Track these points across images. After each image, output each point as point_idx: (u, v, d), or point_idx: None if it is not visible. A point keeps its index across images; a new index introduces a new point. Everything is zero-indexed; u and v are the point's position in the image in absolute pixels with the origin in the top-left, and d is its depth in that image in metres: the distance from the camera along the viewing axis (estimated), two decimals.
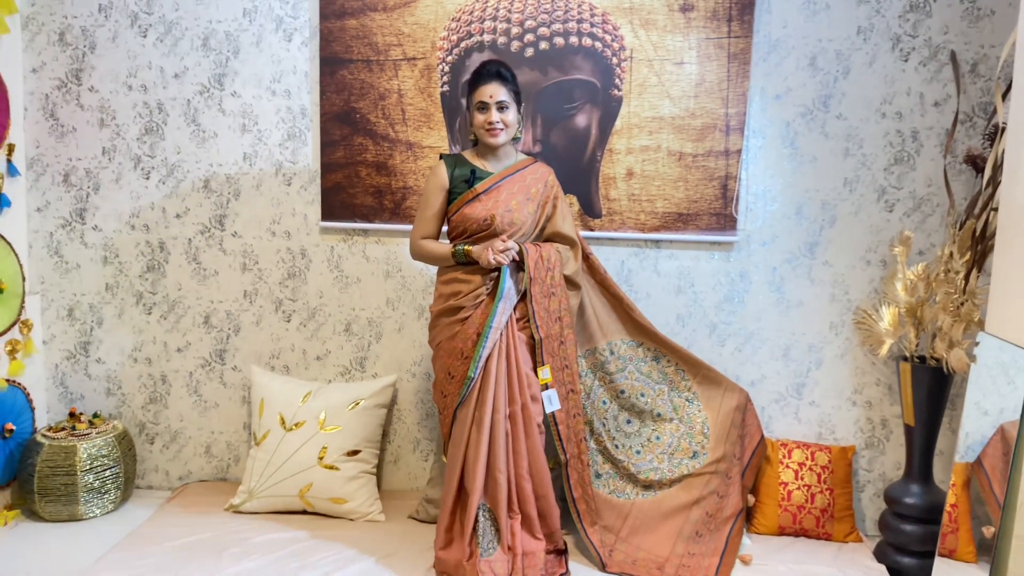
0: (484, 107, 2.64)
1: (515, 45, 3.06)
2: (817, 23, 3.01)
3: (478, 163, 2.74)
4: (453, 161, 2.75)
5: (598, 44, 3.04)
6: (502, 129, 2.65)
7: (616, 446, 2.92)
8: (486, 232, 2.67)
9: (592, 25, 3.03)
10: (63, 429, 3.08)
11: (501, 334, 2.66)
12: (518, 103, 2.69)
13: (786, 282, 3.14)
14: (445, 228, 2.80)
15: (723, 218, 3.10)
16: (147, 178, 3.24)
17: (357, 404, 3.07)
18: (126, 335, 3.32)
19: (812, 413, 3.19)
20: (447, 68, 3.10)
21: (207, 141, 3.21)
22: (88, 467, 2.98)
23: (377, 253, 3.24)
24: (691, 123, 3.06)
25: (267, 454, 3.03)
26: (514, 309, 2.70)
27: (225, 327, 3.30)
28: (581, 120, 3.08)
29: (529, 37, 3.05)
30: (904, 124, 3.02)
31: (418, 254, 2.78)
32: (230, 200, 3.24)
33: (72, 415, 3.17)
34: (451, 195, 2.72)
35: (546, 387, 2.69)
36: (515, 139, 2.76)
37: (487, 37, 3.06)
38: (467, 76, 3.03)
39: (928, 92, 3.00)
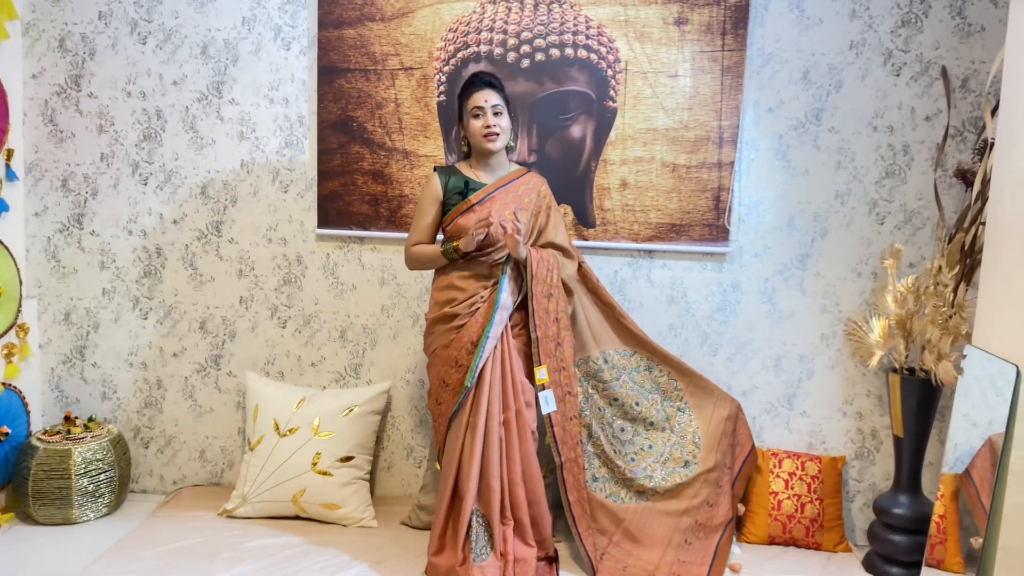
0: (480, 113, 2.67)
1: (511, 56, 3.09)
2: (810, 37, 3.04)
3: (471, 174, 2.77)
4: (447, 173, 2.77)
5: (593, 56, 3.07)
6: (499, 134, 2.68)
7: (615, 451, 2.94)
8: (480, 242, 2.69)
9: (588, 37, 3.06)
10: (58, 433, 3.09)
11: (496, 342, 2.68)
12: (509, 111, 2.73)
13: (778, 293, 3.17)
14: (440, 238, 2.82)
15: (716, 229, 3.12)
16: (145, 184, 3.26)
17: (351, 411, 3.09)
18: (122, 340, 3.34)
19: (803, 423, 3.21)
20: (444, 78, 3.12)
21: (205, 148, 3.23)
22: (83, 471, 3.00)
23: (373, 260, 3.26)
24: (685, 135, 3.09)
25: (261, 459, 3.04)
26: (509, 317, 2.72)
27: (221, 333, 3.32)
28: (576, 131, 3.11)
29: (525, 48, 3.08)
30: (895, 138, 3.06)
31: (412, 260, 2.80)
32: (227, 207, 3.26)
33: (67, 419, 3.19)
34: (445, 206, 2.75)
35: (543, 388, 2.71)
36: (509, 148, 2.79)
37: (483, 48, 3.09)
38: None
39: (919, 106, 3.03)
